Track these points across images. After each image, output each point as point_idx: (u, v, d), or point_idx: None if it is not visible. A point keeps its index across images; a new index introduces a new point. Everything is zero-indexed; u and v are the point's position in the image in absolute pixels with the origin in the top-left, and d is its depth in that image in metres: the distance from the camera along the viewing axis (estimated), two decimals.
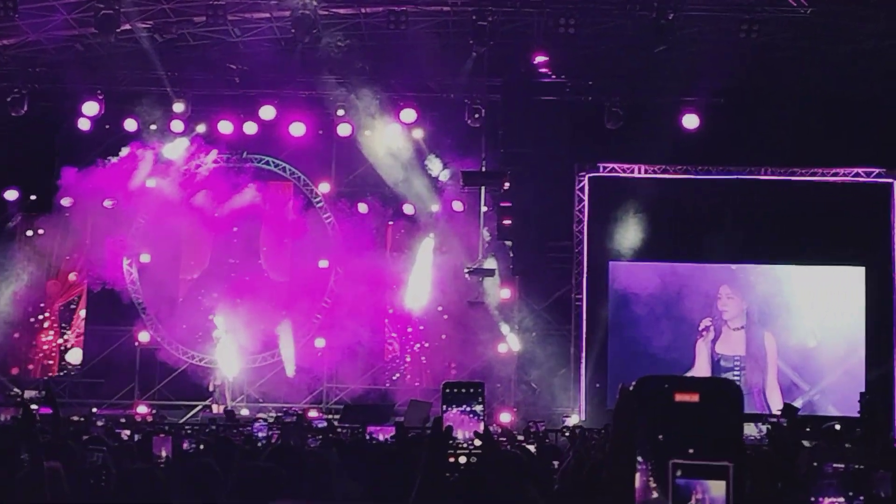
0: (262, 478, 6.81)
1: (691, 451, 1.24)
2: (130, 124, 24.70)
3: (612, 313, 24.76)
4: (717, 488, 1.22)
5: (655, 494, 1.24)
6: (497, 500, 4.68)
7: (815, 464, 3.94)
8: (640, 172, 24.77)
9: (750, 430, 9.36)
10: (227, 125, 24.79)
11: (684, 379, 1.29)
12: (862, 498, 3.76)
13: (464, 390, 3.33)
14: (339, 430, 17.06)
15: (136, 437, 10.58)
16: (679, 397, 1.25)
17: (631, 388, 1.28)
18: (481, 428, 3.41)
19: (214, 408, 24.76)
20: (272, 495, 5.63)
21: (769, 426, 9.53)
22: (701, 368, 24.49)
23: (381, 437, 9.19)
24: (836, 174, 24.52)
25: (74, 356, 26.31)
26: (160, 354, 25.36)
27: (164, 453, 7.99)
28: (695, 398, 1.25)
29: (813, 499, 3.88)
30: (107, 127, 24.68)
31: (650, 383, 1.28)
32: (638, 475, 1.24)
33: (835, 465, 3.80)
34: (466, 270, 24.49)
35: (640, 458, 1.25)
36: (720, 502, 1.22)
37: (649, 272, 24.85)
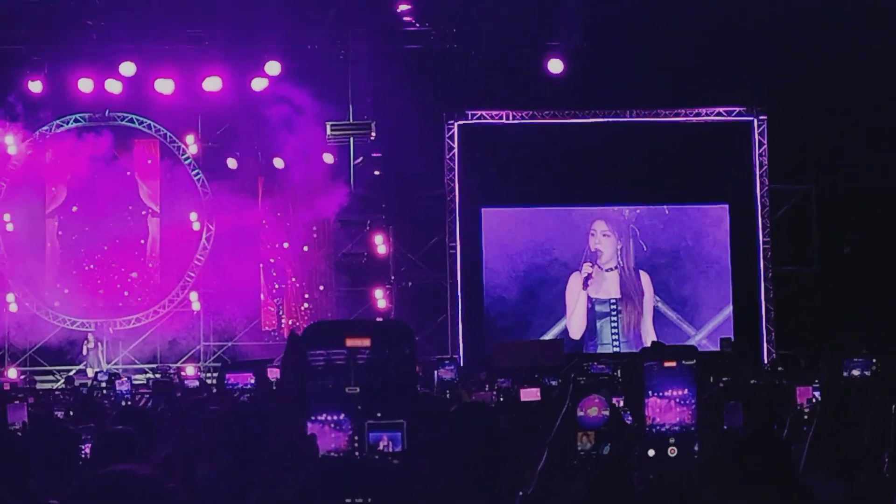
0: (116, 440, 6.78)
1: (379, 414, 1.30)
2: None
3: (486, 260, 25.00)
4: (396, 437, 1.30)
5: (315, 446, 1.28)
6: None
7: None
8: (508, 119, 24.96)
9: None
10: (87, 83, 24.10)
11: (354, 323, 1.31)
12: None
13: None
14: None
15: None
16: (350, 342, 1.27)
17: (301, 334, 1.29)
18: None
19: (89, 371, 24.31)
20: (125, 457, 5.59)
21: (622, 362, 9.77)
22: (578, 315, 24.78)
23: (240, 385, 9.20)
24: (698, 114, 25.07)
25: None
26: (30, 320, 24.77)
27: (18, 421, 7.80)
28: (366, 342, 1.28)
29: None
30: None
31: (321, 328, 1.30)
32: (309, 424, 1.27)
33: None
34: (340, 223, 24.43)
35: (320, 410, 1.28)
36: (399, 445, 1.30)
37: (522, 217, 25.11)
